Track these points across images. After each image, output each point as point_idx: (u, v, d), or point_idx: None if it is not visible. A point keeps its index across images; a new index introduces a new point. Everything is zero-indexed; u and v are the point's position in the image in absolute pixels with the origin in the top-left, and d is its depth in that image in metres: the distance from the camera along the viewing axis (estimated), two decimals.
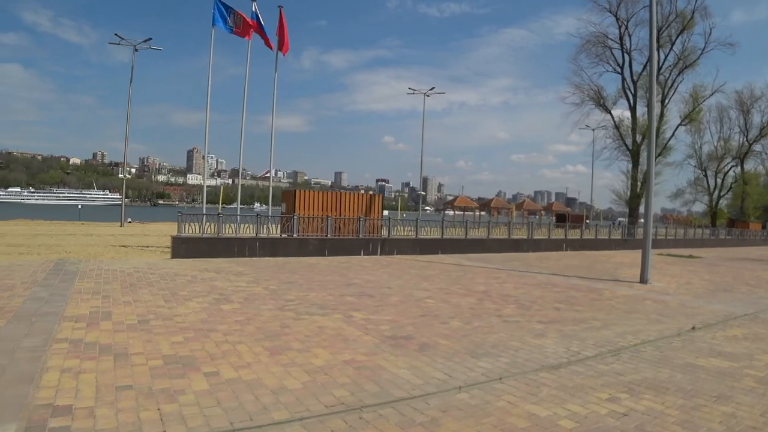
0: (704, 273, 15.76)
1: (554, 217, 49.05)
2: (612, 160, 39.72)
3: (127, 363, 4.66)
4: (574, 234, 24.44)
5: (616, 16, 34.69)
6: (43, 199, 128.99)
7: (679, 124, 38.16)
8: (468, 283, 10.96)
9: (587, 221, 41.58)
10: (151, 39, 22.65)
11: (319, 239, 15.98)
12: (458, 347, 5.66)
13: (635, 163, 36.54)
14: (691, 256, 22.64)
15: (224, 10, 16.86)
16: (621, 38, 35.09)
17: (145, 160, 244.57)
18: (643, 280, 12.30)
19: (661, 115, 35.66)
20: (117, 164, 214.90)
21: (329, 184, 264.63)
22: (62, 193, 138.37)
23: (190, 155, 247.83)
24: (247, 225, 14.98)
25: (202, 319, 6.51)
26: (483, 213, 55.33)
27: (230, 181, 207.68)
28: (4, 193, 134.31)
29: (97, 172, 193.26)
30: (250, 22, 17.19)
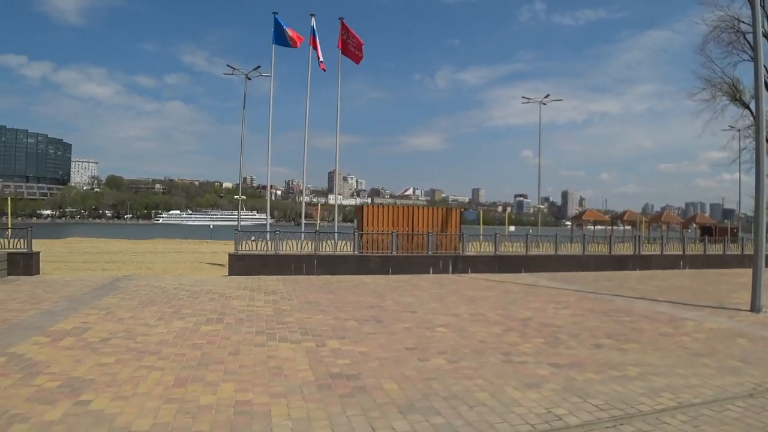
0: None
1: (698, 230, 42.07)
2: (754, 163, 32.67)
3: (25, 383, 4.55)
4: (695, 249, 20.29)
5: None
6: (199, 220, 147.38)
7: None
8: (516, 309, 9.32)
9: (738, 234, 34.80)
10: (260, 66, 24.24)
11: (381, 256, 15.22)
12: (398, 396, 4.48)
13: None
14: None
15: (282, 27, 17.44)
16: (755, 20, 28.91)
17: (290, 183, 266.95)
18: (754, 308, 9.39)
19: None
20: (264, 187, 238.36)
21: (467, 200, 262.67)
22: (215, 214, 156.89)
23: (330, 177, 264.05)
24: (306, 241, 14.85)
25: (163, 341, 6.20)
26: (628, 227, 49.35)
27: (369, 200, 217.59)
28: (166, 215, 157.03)
29: (247, 195, 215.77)
30: (311, 38, 17.52)
